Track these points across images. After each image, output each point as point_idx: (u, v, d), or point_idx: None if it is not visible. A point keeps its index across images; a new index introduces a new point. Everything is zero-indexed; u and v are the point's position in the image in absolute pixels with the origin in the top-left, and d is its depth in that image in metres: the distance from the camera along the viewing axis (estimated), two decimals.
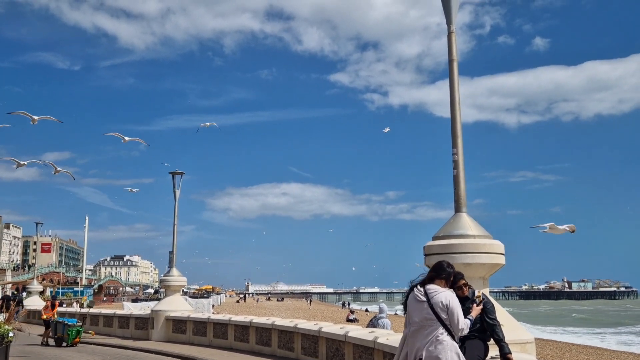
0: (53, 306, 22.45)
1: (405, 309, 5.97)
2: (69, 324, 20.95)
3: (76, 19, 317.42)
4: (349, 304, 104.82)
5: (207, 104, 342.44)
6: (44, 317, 22.02)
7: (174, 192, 23.90)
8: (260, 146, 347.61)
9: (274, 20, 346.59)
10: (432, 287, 5.76)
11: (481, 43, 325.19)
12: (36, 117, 20.40)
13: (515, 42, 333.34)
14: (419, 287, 5.84)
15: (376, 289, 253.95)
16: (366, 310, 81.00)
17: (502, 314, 7.87)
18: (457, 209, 8.95)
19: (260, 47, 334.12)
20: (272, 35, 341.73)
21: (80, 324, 21.44)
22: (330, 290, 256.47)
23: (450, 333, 5.61)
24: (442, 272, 5.86)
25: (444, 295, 5.66)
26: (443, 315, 5.59)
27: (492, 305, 6.83)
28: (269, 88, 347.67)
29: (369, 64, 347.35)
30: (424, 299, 5.69)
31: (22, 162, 23.24)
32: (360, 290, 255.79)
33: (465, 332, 5.78)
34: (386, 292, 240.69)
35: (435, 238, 8.83)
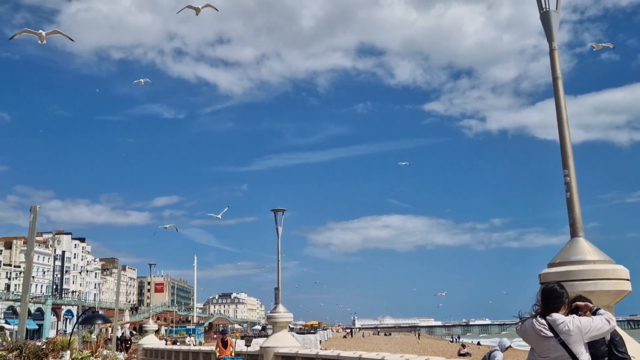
0: (225, 343, 19.90)
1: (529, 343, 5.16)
2: None
3: (179, 71, 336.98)
4: (459, 338, 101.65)
5: (304, 141, 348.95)
6: (219, 357, 20.10)
7: (277, 229, 24.22)
8: (359, 179, 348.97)
9: (366, 56, 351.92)
10: (556, 319, 4.96)
11: (583, 61, 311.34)
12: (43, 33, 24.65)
13: (621, 58, 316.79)
14: (539, 319, 5.03)
15: (487, 321, 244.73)
16: (478, 343, 78.13)
17: (633, 346, 7.23)
18: (573, 234, 8.41)
19: (353, 84, 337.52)
20: (364, 72, 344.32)
21: None
22: (439, 322, 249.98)
23: None
24: (560, 297, 5.04)
25: (566, 323, 4.87)
26: (577, 349, 4.84)
27: (621, 338, 6.23)
28: (364, 122, 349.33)
29: (463, 92, 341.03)
30: (549, 334, 4.88)
31: None
32: (470, 323, 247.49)
33: (612, 325, 4.99)
34: (498, 324, 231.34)
35: (550, 265, 8.32)
